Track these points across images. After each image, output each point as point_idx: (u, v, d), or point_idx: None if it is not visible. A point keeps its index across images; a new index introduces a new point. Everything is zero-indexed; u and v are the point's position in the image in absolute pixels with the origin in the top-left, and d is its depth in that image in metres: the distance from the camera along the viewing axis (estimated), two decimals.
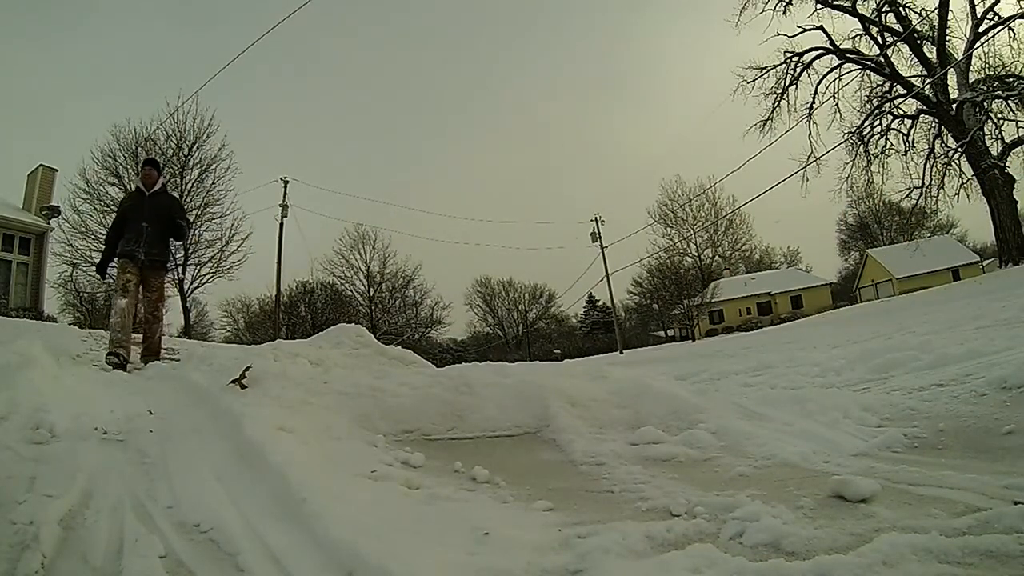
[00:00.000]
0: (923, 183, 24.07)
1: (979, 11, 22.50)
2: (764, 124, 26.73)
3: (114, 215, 6.56)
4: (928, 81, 23.09)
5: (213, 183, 27.11)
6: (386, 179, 75.03)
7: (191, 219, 26.51)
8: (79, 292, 26.43)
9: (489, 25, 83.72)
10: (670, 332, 53.21)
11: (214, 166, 27.14)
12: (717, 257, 55.00)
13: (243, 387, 3.37)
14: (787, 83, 26.45)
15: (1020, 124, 22.39)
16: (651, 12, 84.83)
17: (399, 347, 4.53)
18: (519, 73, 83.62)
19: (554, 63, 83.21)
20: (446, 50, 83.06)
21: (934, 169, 23.95)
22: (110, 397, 3.65)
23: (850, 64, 25.70)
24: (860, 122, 25.13)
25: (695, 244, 53.44)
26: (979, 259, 41.05)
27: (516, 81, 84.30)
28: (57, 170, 18.59)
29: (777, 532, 1.73)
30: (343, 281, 43.58)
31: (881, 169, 25.16)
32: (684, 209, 52.08)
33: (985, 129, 22.64)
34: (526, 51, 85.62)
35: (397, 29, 78.72)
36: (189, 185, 26.75)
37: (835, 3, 25.28)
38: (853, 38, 25.47)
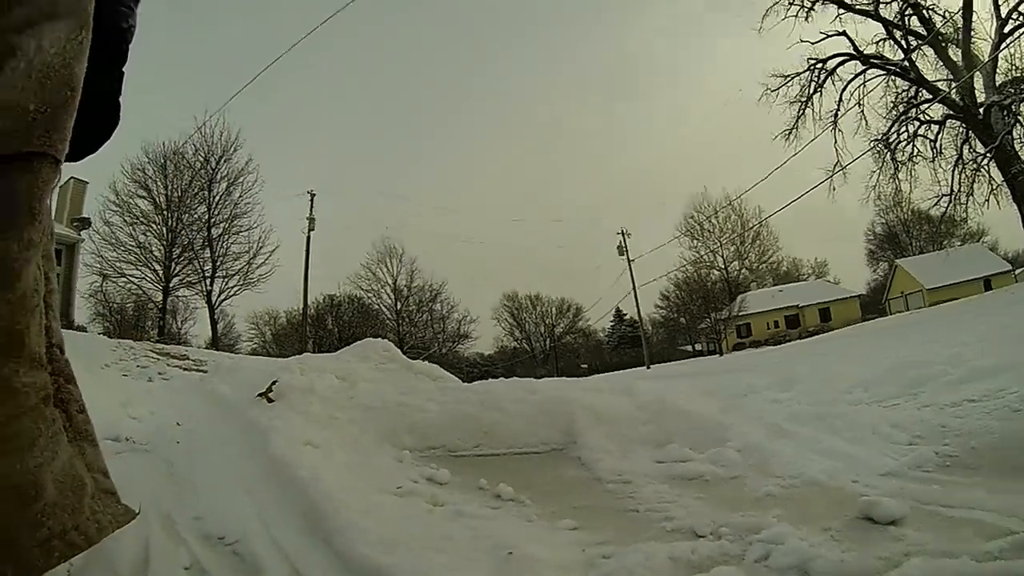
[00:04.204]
0: (952, 190, 23.54)
1: (1003, 11, 22.05)
2: (789, 133, 26.44)
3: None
4: (954, 85, 22.66)
5: (240, 196, 27.66)
6: (401, 185, 74.97)
7: (219, 231, 26.92)
8: (109, 302, 27.12)
9: (497, 27, 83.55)
10: (697, 346, 52.63)
11: (241, 179, 27.71)
12: (744, 269, 54.41)
13: (270, 400, 3.42)
14: (811, 90, 26.14)
15: None
16: (663, 14, 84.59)
17: (426, 361, 4.56)
18: (542, 77, 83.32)
19: (581, 68, 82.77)
20: (454, 51, 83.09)
21: (963, 175, 23.41)
22: (138, 407, 3.74)
23: (874, 69, 25.30)
24: (886, 129, 24.75)
25: (722, 257, 52.94)
26: (1011, 268, 39.97)
27: (540, 84, 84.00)
28: (88, 183, 19.14)
29: (804, 555, 1.70)
30: (370, 294, 44.01)
31: (909, 176, 24.67)
32: (710, 221, 51.63)
33: (1014, 133, 22.10)
34: (529, 52, 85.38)
35: (396, 29, 78.44)
36: (217, 198, 27.34)
37: (857, 8, 24.98)
38: (877, 43, 25.08)
